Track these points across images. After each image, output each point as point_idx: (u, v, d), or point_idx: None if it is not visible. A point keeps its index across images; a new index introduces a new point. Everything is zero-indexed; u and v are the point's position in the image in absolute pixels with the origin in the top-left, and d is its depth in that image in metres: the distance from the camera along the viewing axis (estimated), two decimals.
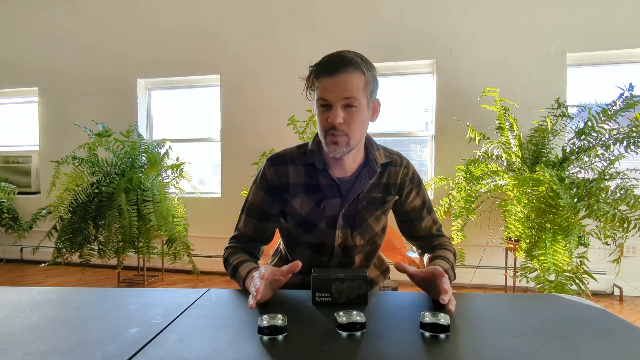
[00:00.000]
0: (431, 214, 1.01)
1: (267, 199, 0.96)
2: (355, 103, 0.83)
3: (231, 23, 3.27)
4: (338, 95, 0.82)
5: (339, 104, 0.82)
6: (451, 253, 0.95)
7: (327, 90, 0.82)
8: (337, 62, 0.82)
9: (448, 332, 0.60)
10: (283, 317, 0.62)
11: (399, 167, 0.98)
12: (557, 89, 2.73)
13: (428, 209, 1.01)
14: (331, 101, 0.83)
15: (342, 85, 0.81)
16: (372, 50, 2.99)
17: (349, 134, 0.85)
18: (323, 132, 0.87)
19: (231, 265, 0.92)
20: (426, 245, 1.01)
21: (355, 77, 0.82)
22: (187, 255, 2.65)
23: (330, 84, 0.82)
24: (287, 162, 0.96)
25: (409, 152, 3.20)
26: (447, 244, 0.98)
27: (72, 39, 3.57)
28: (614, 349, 0.55)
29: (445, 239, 1.01)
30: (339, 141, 0.85)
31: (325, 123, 0.85)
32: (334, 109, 0.83)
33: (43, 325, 0.65)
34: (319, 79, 0.83)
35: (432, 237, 1.00)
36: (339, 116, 0.82)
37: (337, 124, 0.83)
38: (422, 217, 1.00)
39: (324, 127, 0.86)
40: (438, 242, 0.99)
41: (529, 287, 2.59)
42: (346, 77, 0.81)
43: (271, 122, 3.14)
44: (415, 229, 1.00)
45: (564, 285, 1.84)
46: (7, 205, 3.41)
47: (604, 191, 1.94)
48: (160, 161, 2.90)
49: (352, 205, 0.94)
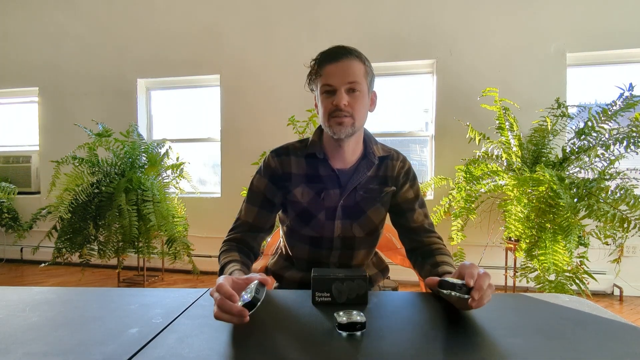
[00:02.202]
0: (423, 209, 1.01)
1: (270, 187, 0.98)
2: (358, 87, 0.88)
3: (231, 23, 3.27)
4: (342, 80, 0.87)
5: (343, 87, 0.87)
6: (451, 259, 0.92)
7: (332, 75, 0.88)
8: (340, 50, 0.89)
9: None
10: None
11: (396, 160, 1.01)
12: (557, 89, 2.74)
13: (420, 204, 1.01)
14: (336, 85, 0.87)
15: (346, 70, 0.87)
16: (372, 50, 3.00)
17: (353, 115, 0.89)
18: (327, 116, 0.90)
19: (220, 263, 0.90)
20: (418, 240, 0.98)
21: (357, 64, 0.88)
22: (187, 255, 2.65)
23: (335, 69, 0.87)
24: (290, 153, 1.00)
25: (409, 152, 3.20)
26: (444, 249, 0.96)
27: (72, 39, 3.57)
28: (614, 349, 0.55)
29: (437, 238, 0.98)
30: (344, 121, 0.88)
31: (330, 106, 0.89)
32: (339, 92, 0.87)
33: (43, 325, 0.65)
34: (323, 66, 0.89)
35: (425, 232, 0.98)
36: (344, 98, 0.87)
37: (342, 106, 0.87)
38: (414, 208, 0.99)
39: (328, 110, 0.89)
40: (431, 241, 0.97)
41: (529, 287, 2.59)
42: (349, 62, 0.87)
43: (271, 122, 3.15)
44: (407, 220, 0.99)
45: (564, 285, 1.84)
46: (7, 205, 3.41)
47: (604, 191, 1.94)
48: (160, 161, 2.90)
49: (351, 196, 0.97)
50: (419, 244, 0.98)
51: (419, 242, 0.98)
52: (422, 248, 0.97)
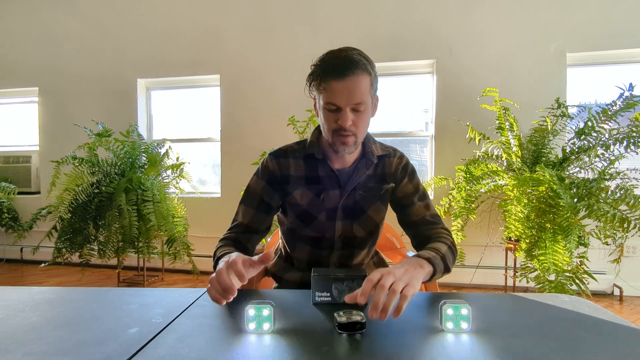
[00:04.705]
0: (424, 201, 0.98)
1: (267, 190, 0.97)
2: (362, 107, 0.85)
3: (231, 23, 3.27)
4: (348, 100, 0.83)
5: (348, 107, 0.83)
6: (444, 244, 0.86)
7: (337, 95, 0.82)
8: (346, 64, 0.81)
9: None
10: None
11: (394, 158, 1.01)
12: (557, 89, 2.74)
13: (420, 196, 0.99)
14: (341, 105, 0.84)
15: (352, 90, 0.82)
16: (372, 50, 2.97)
17: (356, 134, 0.88)
18: (330, 133, 0.88)
19: (215, 258, 0.88)
20: (421, 234, 0.95)
21: (364, 80, 0.83)
22: (187, 255, 2.65)
23: (340, 88, 0.82)
24: (288, 155, 0.99)
25: (409, 152, 3.20)
26: (443, 235, 0.91)
27: (72, 39, 3.57)
28: (614, 349, 0.55)
29: (441, 229, 0.94)
30: (348, 141, 0.87)
31: (334, 125, 0.86)
32: (344, 112, 0.84)
33: (43, 325, 0.65)
34: (327, 81, 0.83)
35: (427, 225, 0.95)
36: (348, 119, 0.84)
37: (346, 126, 0.85)
38: (414, 202, 0.97)
39: (331, 128, 0.87)
40: (434, 232, 0.93)
41: (529, 287, 2.59)
42: (355, 80, 0.81)
43: (271, 122, 3.15)
44: (408, 214, 0.98)
45: (564, 285, 1.83)
46: (7, 205, 3.40)
47: (604, 191, 1.94)
48: (160, 161, 2.90)
49: (351, 196, 0.96)
50: (422, 238, 0.95)
51: (422, 236, 0.95)
52: (425, 242, 0.92)
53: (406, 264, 0.70)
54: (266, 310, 0.61)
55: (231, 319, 0.68)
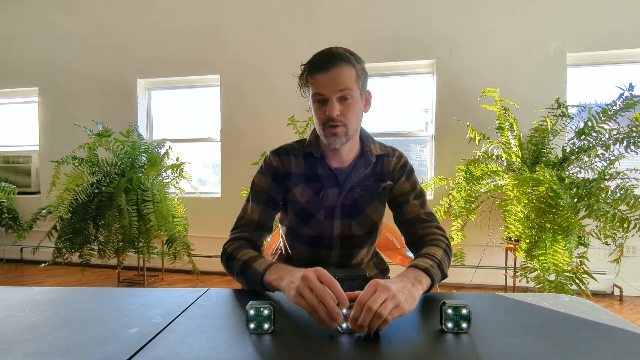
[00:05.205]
0: (419, 200, 0.98)
1: (273, 186, 0.98)
2: (349, 94, 0.87)
3: (231, 23, 3.27)
4: (333, 88, 0.86)
5: (334, 97, 0.86)
6: (439, 248, 0.85)
7: (322, 85, 0.87)
8: (329, 57, 0.86)
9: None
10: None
11: (392, 157, 1.01)
12: (557, 89, 2.73)
13: (416, 195, 0.99)
14: (327, 95, 0.87)
15: (336, 79, 0.85)
16: (372, 50, 3.00)
17: (346, 124, 0.89)
18: (321, 126, 0.90)
19: (239, 261, 0.84)
20: (415, 232, 0.94)
21: (347, 70, 0.86)
22: (187, 255, 2.65)
23: (325, 78, 0.86)
24: (289, 152, 1.01)
25: (409, 152, 3.20)
26: (437, 237, 0.90)
27: (72, 38, 3.57)
28: (614, 349, 0.55)
29: (435, 228, 0.93)
30: (338, 132, 0.89)
31: (322, 116, 0.89)
32: (330, 102, 0.87)
33: (43, 325, 0.65)
34: (313, 75, 0.88)
35: (422, 223, 0.94)
36: (335, 108, 0.86)
37: (334, 116, 0.87)
38: (409, 200, 0.97)
39: (321, 121, 0.90)
40: (428, 232, 0.92)
41: (529, 287, 2.59)
42: (339, 70, 0.86)
43: (271, 122, 3.14)
44: (402, 212, 0.97)
45: (564, 285, 1.83)
46: (7, 205, 3.40)
47: (604, 191, 1.94)
48: (160, 161, 2.90)
49: (349, 194, 0.97)
50: (415, 237, 0.94)
51: (415, 235, 0.94)
52: (418, 241, 0.93)
53: (405, 279, 0.69)
54: (266, 310, 0.61)
55: (231, 319, 0.68)
